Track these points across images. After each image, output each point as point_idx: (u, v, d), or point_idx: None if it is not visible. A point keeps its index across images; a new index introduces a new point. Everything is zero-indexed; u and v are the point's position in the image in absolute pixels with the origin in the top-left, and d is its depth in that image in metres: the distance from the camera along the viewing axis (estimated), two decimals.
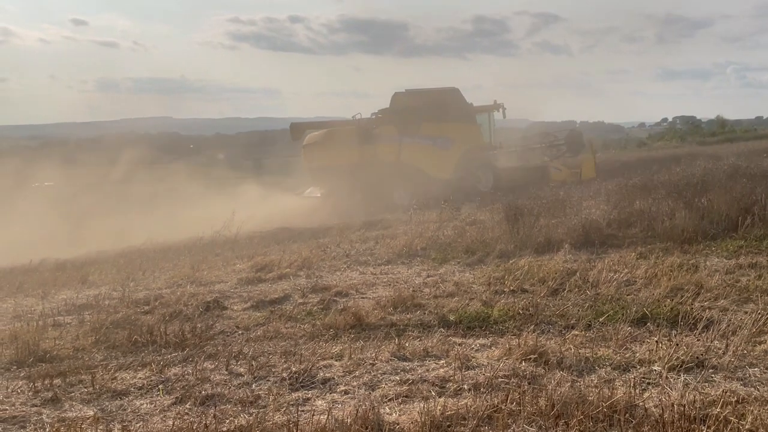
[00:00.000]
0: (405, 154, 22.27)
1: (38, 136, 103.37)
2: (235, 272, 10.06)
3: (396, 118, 22.51)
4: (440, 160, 22.44)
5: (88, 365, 5.55)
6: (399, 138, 22.29)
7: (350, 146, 21.97)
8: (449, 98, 23.07)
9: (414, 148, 22.34)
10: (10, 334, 6.64)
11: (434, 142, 22.56)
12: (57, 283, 10.51)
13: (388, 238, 12.05)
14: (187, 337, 6.23)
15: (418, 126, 22.47)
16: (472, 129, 23.17)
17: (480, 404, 4.01)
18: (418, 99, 22.88)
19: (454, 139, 22.65)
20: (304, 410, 4.24)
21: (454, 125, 22.74)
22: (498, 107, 24.40)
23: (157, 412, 4.42)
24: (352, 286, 8.11)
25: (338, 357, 5.29)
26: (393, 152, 22.21)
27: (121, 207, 24.57)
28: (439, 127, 22.59)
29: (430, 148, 22.48)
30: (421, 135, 22.48)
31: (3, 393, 4.95)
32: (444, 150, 22.59)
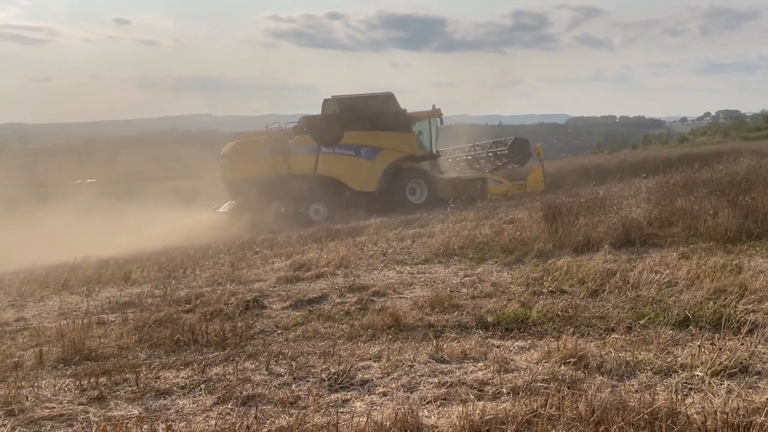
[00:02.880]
0: (322, 165, 21.12)
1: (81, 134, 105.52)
2: (273, 271, 10.17)
3: (313, 127, 21.47)
4: (363, 171, 21.30)
5: (132, 364, 5.67)
6: (316, 149, 21.16)
7: (262, 158, 20.84)
8: (381, 105, 21.92)
9: (332, 159, 21.20)
10: (56, 331, 6.83)
11: (356, 153, 21.40)
12: (101, 281, 10.75)
13: (425, 237, 12.06)
14: (228, 336, 6.32)
15: (339, 135, 21.34)
16: (405, 137, 21.84)
17: (519, 409, 3.99)
18: (345, 106, 21.82)
19: (381, 149, 21.49)
20: (344, 412, 4.27)
21: (383, 134, 21.53)
22: (437, 113, 22.99)
23: (199, 412, 4.49)
24: (389, 286, 8.13)
25: (376, 358, 5.32)
26: (309, 164, 21.07)
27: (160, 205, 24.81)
28: (363, 136, 21.43)
29: (352, 159, 21.31)
30: (342, 145, 21.29)
31: (51, 391, 5.09)
32: (368, 160, 21.44)
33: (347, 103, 21.90)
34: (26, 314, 8.51)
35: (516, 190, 21.27)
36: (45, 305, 9.09)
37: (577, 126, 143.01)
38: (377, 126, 21.44)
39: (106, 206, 25.21)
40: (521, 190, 21.14)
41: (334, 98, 22.11)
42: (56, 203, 26.60)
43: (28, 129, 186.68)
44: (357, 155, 21.34)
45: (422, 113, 22.89)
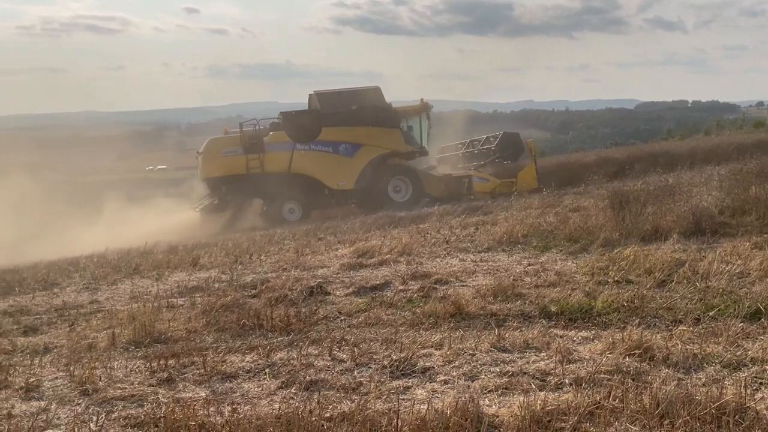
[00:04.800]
0: (297, 163, 20.45)
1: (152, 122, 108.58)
2: (337, 257, 10.27)
3: (288, 123, 20.74)
4: (340, 168, 20.58)
5: (200, 347, 5.84)
6: (291, 146, 20.48)
7: (235, 156, 20.25)
8: (365, 100, 21.19)
9: (308, 156, 20.52)
10: (128, 314, 7.08)
11: (334, 149, 20.69)
12: (170, 265, 11.06)
13: (488, 225, 11.98)
14: (292, 322, 6.44)
15: (316, 131, 20.66)
16: (388, 133, 20.96)
17: (581, 400, 3.95)
18: (326, 101, 21.22)
19: (362, 145, 20.78)
20: (405, 399, 4.31)
21: (365, 129, 20.76)
22: (426, 108, 22.28)
23: (264, 396, 4.60)
24: (452, 274, 8.12)
25: (438, 346, 5.34)
26: (283, 161, 20.39)
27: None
28: (343, 132, 20.70)
29: (329, 156, 20.58)
30: (319, 141, 20.57)
31: (122, 372, 5.29)
32: (346, 157, 20.65)
33: (328, 98, 21.31)
34: (99, 297, 8.84)
35: (504, 188, 20.34)
36: (117, 289, 9.43)
37: (647, 111, 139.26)
38: (359, 121, 20.71)
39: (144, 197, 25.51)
40: (510, 188, 20.19)
41: (315, 93, 21.55)
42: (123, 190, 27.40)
43: (102, 116, 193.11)
44: (335, 152, 20.62)
45: (411, 108, 22.18)
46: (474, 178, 20.95)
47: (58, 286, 10.08)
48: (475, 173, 21.23)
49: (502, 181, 20.75)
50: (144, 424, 4.13)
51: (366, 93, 21.46)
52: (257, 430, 3.89)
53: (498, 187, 20.45)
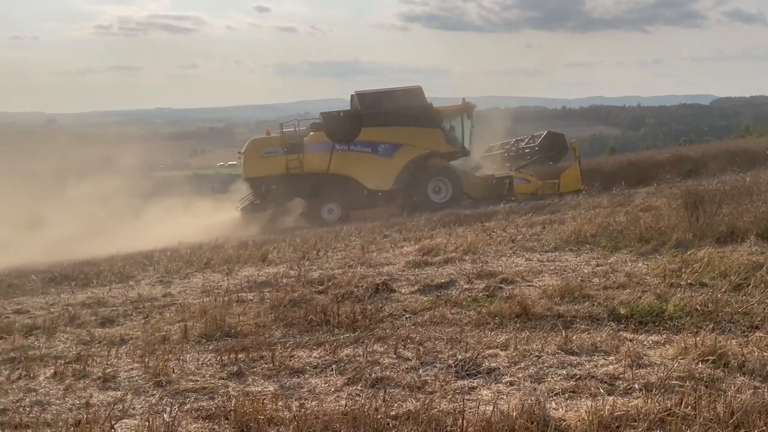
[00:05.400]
0: (336, 163, 20.50)
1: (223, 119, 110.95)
2: (402, 255, 10.31)
3: (328, 124, 20.82)
4: (379, 169, 20.48)
5: (269, 342, 5.97)
6: (330, 146, 20.54)
7: (275, 156, 20.42)
8: (406, 100, 20.99)
9: (347, 156, 20.53)
10: (200, 308, 7.28)
11: (373, 150, 20.56)
12: (240, 260, 11.32)
13: (555, 224, 11.81)
14: (358, 318, 6.50)
15: (355, 132, 20.63)
16: (429, 133, 20.88)
17: (652, 406, 3.87)
18: (366, 102, 21.06)
19: (402, 145, 20.62)
20: (470, 399, 4.30)
21: (405, 130, 20.69)
22: (468, 108, 21.86)
23: (330, 392, 4.67)
24: (517, 273, 8.05)
25: (504, 347, 5.30)
26: (322, 162, 20.46)
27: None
28: (383, 132, 20.62)
29: (367, 156, 20.53)
30: (358, 142, 20.55)
31: (194, 365, 5.45)
32: (385, 158, 20.58)
33: (368, 98, 21.25)
34: (173, 290, 9.12)
35: (547, 189, 19.92)
36: (189, 282, 9.70)
37: (723, 107, 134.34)
38: (399, 122, 20.62)
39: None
40: (553, 189, 19.81)
41: (356, 93, 21.54)
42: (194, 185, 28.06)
43: (177, 113, 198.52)
44: (374, 152, 20.57)
45: (453, 108, 21.92)
46: (515, 179, 20.63)
47: (134, 278, 10.45)
48: (515, 174, 20.91)
49: (545, 182, 20.42)
50: (215, 417, 4.25)
51: (407, 93, 21.40)
52: (324, 425, 3.95)
53: (540, 188, 20.13)
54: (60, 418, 4.38)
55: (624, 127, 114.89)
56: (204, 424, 4.17)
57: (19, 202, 22.81)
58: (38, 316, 8.06)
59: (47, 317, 7.81)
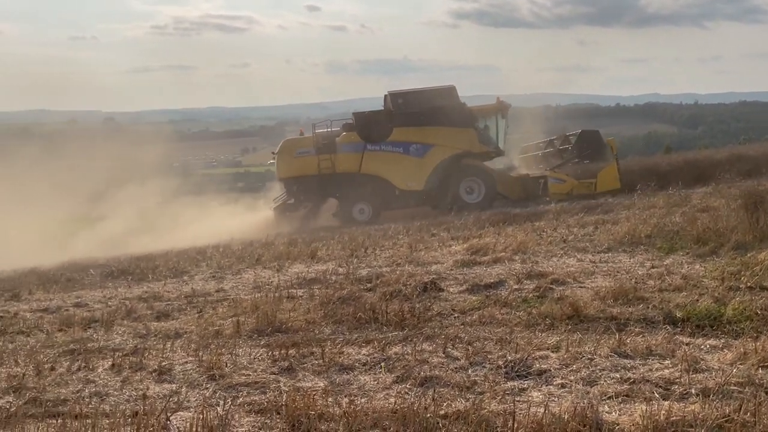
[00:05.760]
0: (367, 163, 20.35)
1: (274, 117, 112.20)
2: (450, 254, 10.28)
3: (360, 124, 20.69)
4: (410, 169, 20.31)
5: (318, 338, 6.02)
6: (362, 146, 20.43)
7: (307, 156, 20.41)
8: (438, 99, 20.68)
9: (378, 156, 20.37)
10: (251, 303, 7.39)
11: (405, 150, 20.37)
12: (290, 257, 11.45)
13: (608, 224, 11.62)
14: (407, 317, 6.51)
15: (386, 132, 20.47)
16: (462, 133, 20.59)
17: (709, 412, 3.77)
18: (398, 101, 20.81)
19: (434, 145, 20.37)
20: (520, 400, 4.26)
21: (437, 129, 20.43)
22: (502, 107, 21.42)
23: (379, 389, 4.69)
24: (569, 274, 7.94)
25: (555, 348, 5.24)
26: (353, 162, 20.37)
27: None
28: (414, 132, 20.42)
29: (399, 157, 20.34)
30: (389, 142, 20.40)
31: (247, 359, 5.54)
32: (416, 158, 20.38)
33: (400, 98, 21.08)
34: (225, 286, 9.28)
35: (583, 189, 19.39)
36: (241, 278, 9.85)
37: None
38: (431, 122, 20.42)
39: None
40: (590, 189, 19.27)
41: (389, 93, 21.39)
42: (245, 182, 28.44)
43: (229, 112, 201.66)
44: (405, 152, 20.42)
45: (487, 107, 21.63)
46: (549, 179, 20.22)
47: (188, 274, 10.67)
48: (550, 174, 20.51)
49: (581, 182, 19.93)
50: (267, 411, 4.31)
51: (440, 93, 21.24)
52: (373, 422, 3.97)
53: (575, 188, 19.66)
54: (118, 409, 4.50)
55: (680, 125, 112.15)
56: (256, 418, 4.23)
57: (78, 199, 23.48)
58: (96, 309, 8.30)
59: (105, 310, 8.04)
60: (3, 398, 4.97)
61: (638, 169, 20.51)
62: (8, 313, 8.48)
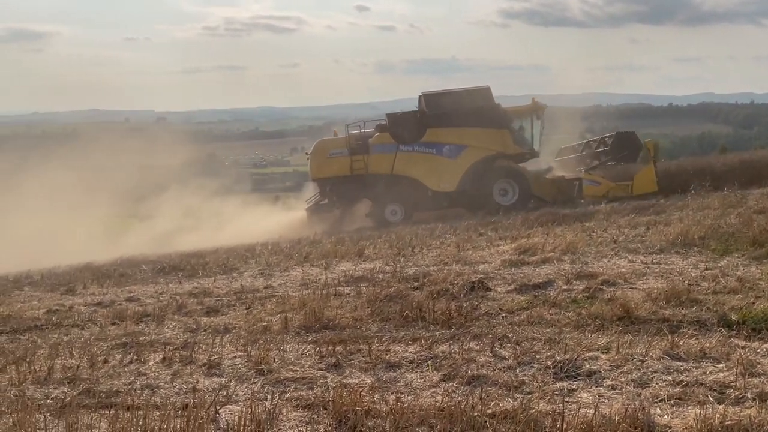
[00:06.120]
0: (400, 164, 20.16)
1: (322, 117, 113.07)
2: (498, 253, 10.19)
3: (393, 124, 20.51)
4: (443, 170, 20.07)
5: (365, 335, 6.04)
6: (395, 147, 20.26)
7: (340, 157, 20.36)
8: (472, 100, 20.39)
9: (411, 157, 20.19)
10: (299, 300, 7.45)
11: (438, 151, 20.14)
12: (337, 255, 11.51)
13: (660, 225, 11.38)
14: (454, 316, 6.48)
15: (420, 133, 20.30)
16: (496, 134, 20.33)
17: (766, 416, 3.67)
18: (432, 102, 20.64)
19: (467, 146, 20.09)
20: (569, 401, 4.20)
21: (471, 131, 20.12)
22: (538, 108, 20.95)
23: (426, 387, 4.68)
24: (619, 275, 7.80)
25: (605, 350, 5.16)
26: (386, 163, 20.19)
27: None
28: (448, 133, 20.22)
29: (431, 158, 20.15)
30: (422, 143, 20.22)
31: (294, 355, 5.59)
32: (449, 159, 20.15)
33: (434, 99, 20.95)
34: (273, 283, 9.38)
35: (619, 191, 18.91)
36: (289, 275, 9.94)
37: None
38: (465, 123, 20.18)
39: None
40: (626, 192, 18.80)
41: (423, 94, 21.22)
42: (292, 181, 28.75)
43: (279, 112, 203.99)
44: (438, 153, 20.23)
45: (521, 108, 21.31)
46: (584, 181, 19.87)
47: (237, 270, 10.82)
48: (585, 175, 20.13)
49: (617, 184, 19.55)
50: (314, 406, 4.34)
51: (474, 93, 21.05)
52: (420, 420, 3.97)
53: (611, 191, 19.23)
54: (168, 401, 4.59)
55: (736, 125, 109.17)
56: (303, 413, 4.27)
57: (131, 196, 24.05)
58: (148, 304, 8.48)
59: (156, 305, 8.21)
60: (58, 389, 5.11)
61: (692, 170, 20.04)
62: (64, 307, 8.72)
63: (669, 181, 19.56)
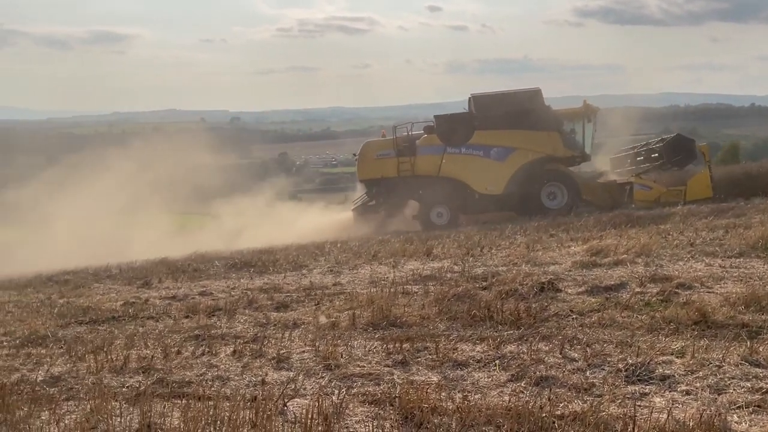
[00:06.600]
0: (446, 166, 19.80)
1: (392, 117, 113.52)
2: (569, 255, 10.02)
3: (440, 126, 20.10)
4: (490, 172, 19.59)
5: (432, 334, 6.04)
6: (442, 149, 19.90)
7: (387, 158, 20.08)
8: (522, 102, 19.84)
9: (458, 159, 19.78)
10: (367, 298, 7.50)
11: (485, 153, 19.63)
12: (405, 254, 11.53)
13: (740, 228, 10.96)
14: (522, 316, 6.40)
15: (467, 135, 19.85)
16: (545, 137, 19.78)
17: None
18: (480, 104, 20.11)
19: (515, 149, 19.54)
20: (641, 405, 4.10)
21: (520, 133, 19.60)
22: (590, 111, 20.17)
23: (493, 386, 4.64)
24: (696, 279, 7.55)
25: (679, 354, 5.00)
26: (433, 165, 19.87)
27: None
28: (496, 136, 19.75)
29: (479, 160, 19.64)
30: (470, 145, 19.72)
31: (361, 351, 5.63)
32: (497, 161, 19.62)
33: (484, 101, 20.54)
34: (342, 280, 9.47)
35: (671, 197, 18.07)
36: (358, 273, 10.02)
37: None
38: (514, 125, 19.76)
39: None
40: (679, 197, 17.93)
41: (472, 96, 20.81)
42: None
43: (350, 112, 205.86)
44: (485, 155, 19.82)
45: (573, 110, 20.64)
46: (635, 185, 19.11)
47: (306, 267, 10.97)
48: (636, 180, 19.37)
49: (669, 189, 18.75)
50: (380, 402, 4.36)
51: (524, 95, 20.62)
52: (487, 419, 3.94)
53: (663, 196, 18.48)
54: (238, 393, 4.70)
55: None
56: (370, 408, 4.29)
57: (205, 194, 24.69)
58: (220, 298, 8.69)
59: (228, 300, 8.41)
60: (133, 377, 5.31)
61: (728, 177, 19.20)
62: (140, 300, 9.04)
63: (750, 184, 18.81)
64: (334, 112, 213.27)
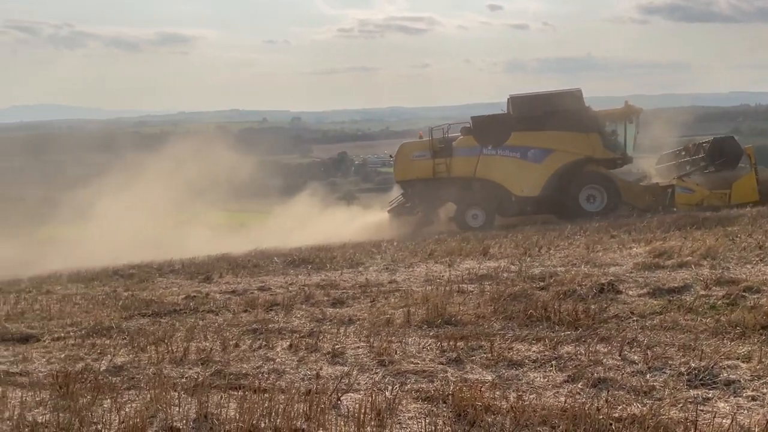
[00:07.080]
0: (482, 167, 19.40)
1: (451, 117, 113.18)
2: (630, 256, 9.79)
3: (477, 127, 19.74)
4: (526, 174, 19.18)
5: (487, 333, 5.98)
6: (478, 150, 19.51)
7: (423, 160, 19.81)
8: (561, 103, 19.24)
9: (494, 161, 19.41)
10: (422, 296, 7.49)
11: (522, 154, 19.17)
12: (461, 253, 11.46)
13: None
14: (580, 317, 6.28)
15: (504, 136, 19.42)
16: (584, 138, 19.23)
17: None
18: (518, 105, 19.58)
19: (553, 151, 18.98)
20: (703, 410, 3.97)
21: (558, 134, 19.09)
22: (631, 112, 19.47)
23: (549, 387, 4.57)
24: (765, 282, 7.26)
25: (745, 358, 4.83)
26: (469, 166, 19.51)
27: None
28: (533, 137, 19.27)
29: (515, 161, 19.28)
30: (507, 146, 19.34)
31: (415, 348, 5.62)
32: (534, 163, 19.18)
33: (521, 102, 20.07)
34: (397, 278, 9.47)
35: (715, 200, 17.34)
36: (413, 271, 10.01)
37: None
38: (552, 126, 19.19)
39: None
40: (723, 201, 17.20)
41: (510, 97, 20.43)
42: None
43: (409, 112, 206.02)
44: (522, 157, 19.41)
45: (614, 112, 20.09)
46: (677, 188, 18.46)
47: (362, 265, 11.02)
48: (678, 182, 18.69)
49: (712, 192, 18.02)
50: (433, 399, 4.34)
51: (563, 97, 20.17)
52: (542, 419, 3.87)
53: (706, 199, 17.79)
54: (293, 386, 4.75)
55: None
56: (423, 405, 4.28)
57: (263, 193, 25.08)
58: (278, 293, 8.80)
59: (286, 295, 8.52)
60: (192, 369, 5.42)
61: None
62: (201, 294, 9.23)
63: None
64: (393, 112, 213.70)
